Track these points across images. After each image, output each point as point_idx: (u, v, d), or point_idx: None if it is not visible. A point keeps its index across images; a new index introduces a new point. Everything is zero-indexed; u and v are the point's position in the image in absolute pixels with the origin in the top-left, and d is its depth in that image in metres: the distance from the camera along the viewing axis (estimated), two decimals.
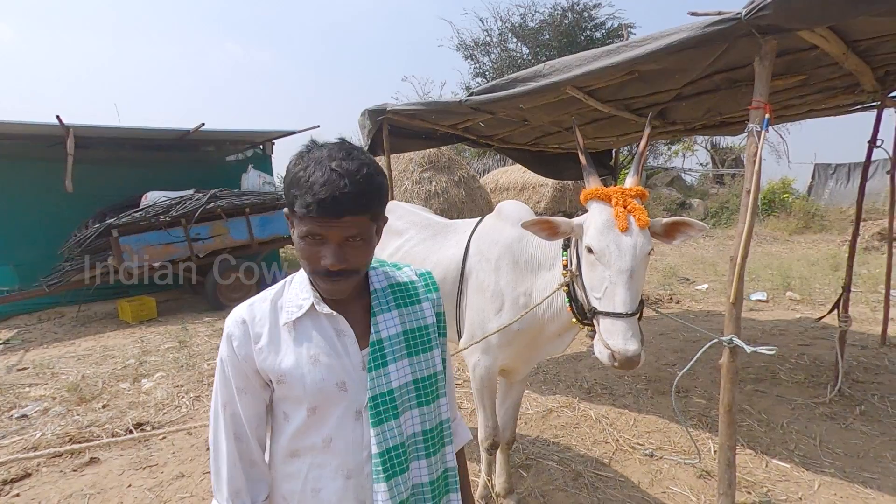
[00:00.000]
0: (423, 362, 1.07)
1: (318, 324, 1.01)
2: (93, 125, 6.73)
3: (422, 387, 1.05)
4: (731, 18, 1.94)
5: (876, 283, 6.76)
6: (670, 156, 20.87)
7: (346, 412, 0.99)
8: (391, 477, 0.97)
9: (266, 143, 8.95)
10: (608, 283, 1.61)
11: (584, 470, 2.81)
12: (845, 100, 3.35)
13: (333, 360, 0.99)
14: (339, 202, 0.86)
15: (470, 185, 11.51)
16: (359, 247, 0.93)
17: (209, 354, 4.99)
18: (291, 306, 1.01)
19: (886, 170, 3.92)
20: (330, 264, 0.90)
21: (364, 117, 3.70)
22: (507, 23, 19.19)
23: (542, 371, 4.30)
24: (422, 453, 1.05)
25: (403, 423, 1.01)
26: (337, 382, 0.98)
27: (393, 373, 1.01)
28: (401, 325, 1.05)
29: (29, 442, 3.25)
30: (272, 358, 0.98)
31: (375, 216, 0.94)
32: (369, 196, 0.90)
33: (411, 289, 1.11)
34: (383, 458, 0.97)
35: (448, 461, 1.10)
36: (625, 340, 1.55)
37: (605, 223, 1.64)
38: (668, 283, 7.57)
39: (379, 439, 0.97)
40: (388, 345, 1.02)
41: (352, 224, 0.89)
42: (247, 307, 1.03)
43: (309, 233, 0.90)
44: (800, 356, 4.35)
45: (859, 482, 2.62)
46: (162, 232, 6.56)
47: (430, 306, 1.12)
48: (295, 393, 0.97)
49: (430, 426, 1.06)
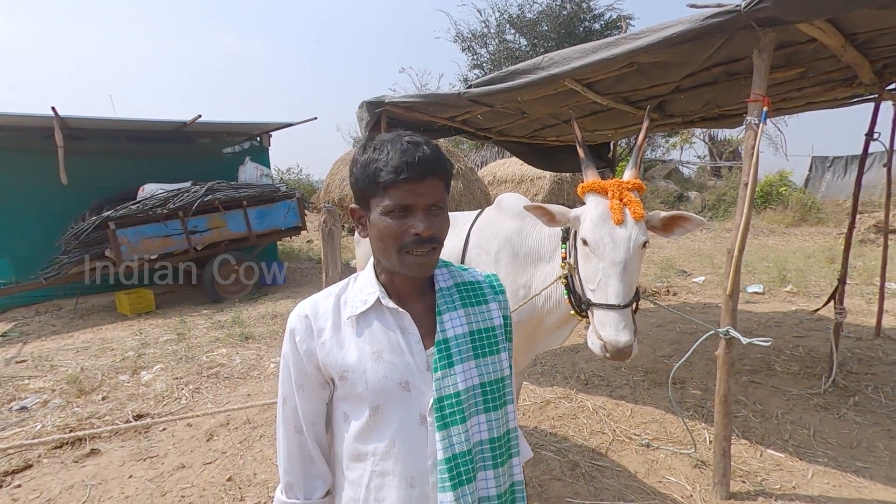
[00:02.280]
0: (491, 365, 1.01)
1: (382, 319, 0.98)
2: (88, 117, 6.69)
3: (489, 391, 1.00)
4: (730, 11, 1.94)
5: (871, 275, 6.79)
6: (668, 148, 20.88)
7: (410, 415, 0.95)
8: (458, 486, 0.92)
9: (263, 134, 8.91)
10: (602, 275, 1.63)
11: (582, 460, 2.84)
12: (843, 92, 3.36)
13: (397, 358, 0.96)
14: (423, 162, 0.90)
15: (468, 178, 11.50)
16: (440, 216, 0.94)
17: (207, 347, 5.00)
18: (356, 301, 1.00)
19: (883, 162, 3.93)
20: (423, 229, 0.90)
21: (362, 109, 3.68)
22: (504, 14, 19.05)
23: (539, 363, 4.32)
24: (489, 463, 0.98)
25: (470, 429, 0.96)
26: (400, 381, 0.95)
27: (459, 374, 0.96)
28: (467, 324, 1.01)
29: (29, 434, 3.27)
30: (335, 353, 0.96)
31: (448, 185, 0.97)
32: (444, 160, 0.95)
33: (478, 288, 1.07)
34: (449, 465, 0.92)
35: (515, 474, 1.04)
36: (616, 332, 1.57)
37: (600, 215, 1.65)
38: (666, 276, 7.60)
39: (444, 444, 0.93)
40: (454, 345, 0.98)
41: (433, 189, 0.92)
42: (310, 302, 1.02)
43: (395, 205, 0.90)
44: (795, 348, 4.39)
45: (852, 471, 2.66)
46: (159, 224, 6.55)
47: (498, 307, 1.07)
48: (357, 390, 0.95)
49: (497, 434, 1.00)
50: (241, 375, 4.24)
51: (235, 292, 7.19)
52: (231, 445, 3.11)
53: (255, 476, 2.77)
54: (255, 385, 4.03)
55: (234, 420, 3.43)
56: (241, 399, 3.77)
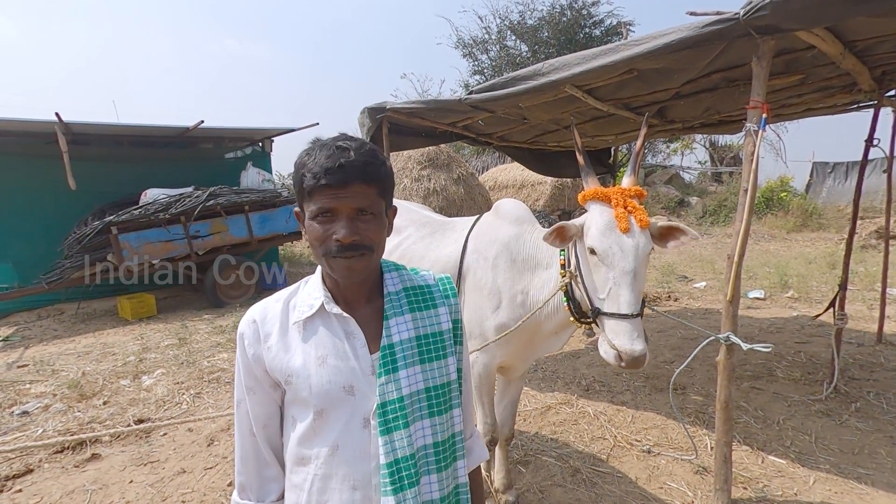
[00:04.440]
0: (437, 370, 1.01)
1: (328, 324, 0.99)
2: (92, 122, 6.73)
3: (434, 396, 1.00)
4: (729, 19, 1.95)
5: (873, 281, 6.78)
6: (669, 154, 20.86)
7: (354, 418, 0.96)
8: (399, 490, 0.92)
9: (265, 140, 8.94)
10: (612, 284, 1.62)
11: (583, 466, 2.84)
12: (843, 99, 3.37)
13: (342, 363, 0.96)
14: (345, 169, 0.89)
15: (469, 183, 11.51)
16: (369, 221, 0.93)
17: (209, 352, 5.01)
18: (303, 306, 1.01)
19: (883, 168, 3.93)
20: (342, 236, 0.90)
21: (364, 115, 3.70)
22: (505, 20, 19.14)
23: (540, 368, 4.32)
24: (433, 467, 0.99)
25: (413, 434, 0.96)
26: (344, 386, 0.95)
27: (404, 379, 0.96)
28: (414, 329, 1.01)
29: (30, 438, 3.27)
30: (281, 357, 0.97)
31: (383, 191, 0.96)
32: (375, 167, 0.93)
33: (427, 292, 1.07)
34: (391, 470, 0.93)
35: (460, 476, 1.04)
36: (631, 341, 1.57)
37: (606, 224, 1.64)
38: (667, 281, 7.59)
39: (387, 449, 0.93)
40: (399, 350, 0.98)
41: (360, 195, 0.91)
42: (260, 307, 1.03)
43: (319, 210, 0.91)
44: (796, 353, 4.38)
45: (854, 478, 2.65)
46: (161, 229, 6.56)
47: (447, 312, 1.07)
48: (302, 395, 0.96)
49: (441, 438, 1.00)
50: None
51: (237, 297, 7.20)
52: (232, 450, 3.11)
53: None
54: None
55: (234, 425, 3.42)
56: None
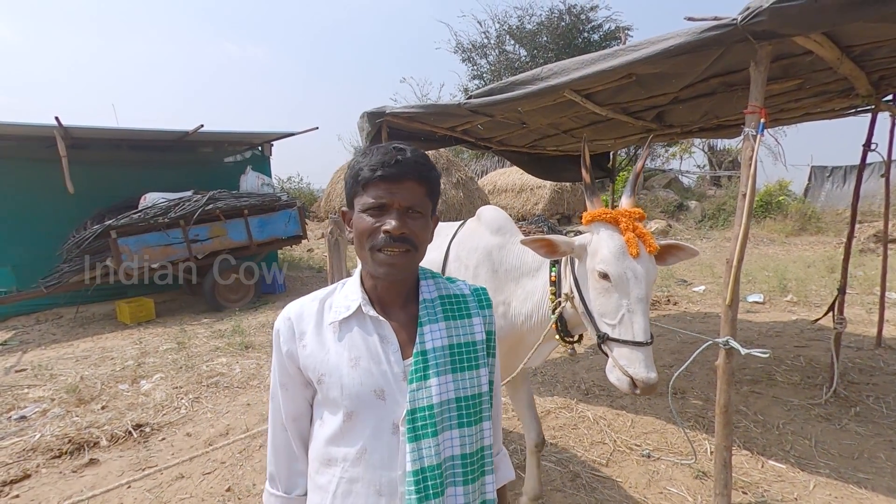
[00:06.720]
0: (469, 380, 1.00)
1: (363, 327, 1.00)
2: (91, 126, 6.73)
3: (464, 406, 0.99)
4: (726, 24, 1.96)
5: (871, 284, 6.79)
6: (668, 158, 20.93)
7: (383, 423, 0.96)
8: (424, 500, 0.91)
9: (264, 144, 8.95)
10: (625, 310, 1.59)
11: (582, 470, 2.83)
12: (840, 104, 3.38)
13: (374, 366, 0.97)
14: (401, 164, 0.94)
15: (468, 187, 11.53)
16: (417, 219, 0.97)
17: (208, 356, 4.99)
18: (340, 306, 1.02)
19: (881, 173, 3.95)
20: (393, 227, 0.93)
21: (363, 120, 3.70)
22: (504, 25, 19.28)
23: (540, 373, 4.31)
24: (459, 479, 0.97)
25: (442, 443, 0.95)
26: (375, 389, 0.96)
27: (435, 387, 0.96)
28: (447, 337, 1.00)
29: (28, 443, 3.25)
30: (314, 356, 0.99)
31: (432, 193, 1.00)
32: (427, 168, 0.98)
33: (462, 302, 1.07)
34: (417, 478, 0.92)
35: (487, 493, 1.02)
36: (647, 369, 1.54)
37: (619, 249, 1.60)
38: (666, 285, 7.59)
39: (414, 456, 0.92)
40: (432, 357, 0.97)
41: (412, 192, 0.96)
42: (296, 305, 1.04)
43: (372, 202, 0.95)
44: (796, 358, 4.38)
45: (854, 482, 2.65)
46: (161, 233, 6.56)
47: (481, 322, 1.06)
48: (332, 394, 0.96)
49: (470, 450, 0.98)
50: (241, 385, 4.23)
51: (236, 301, 7.19)
52: (230, 455, 3.10)
53: (254, 486, 2.76)
54: (255, 394, 4.02)
55: (233, 430, 3.42)
56: (240, 408, 3.76)
